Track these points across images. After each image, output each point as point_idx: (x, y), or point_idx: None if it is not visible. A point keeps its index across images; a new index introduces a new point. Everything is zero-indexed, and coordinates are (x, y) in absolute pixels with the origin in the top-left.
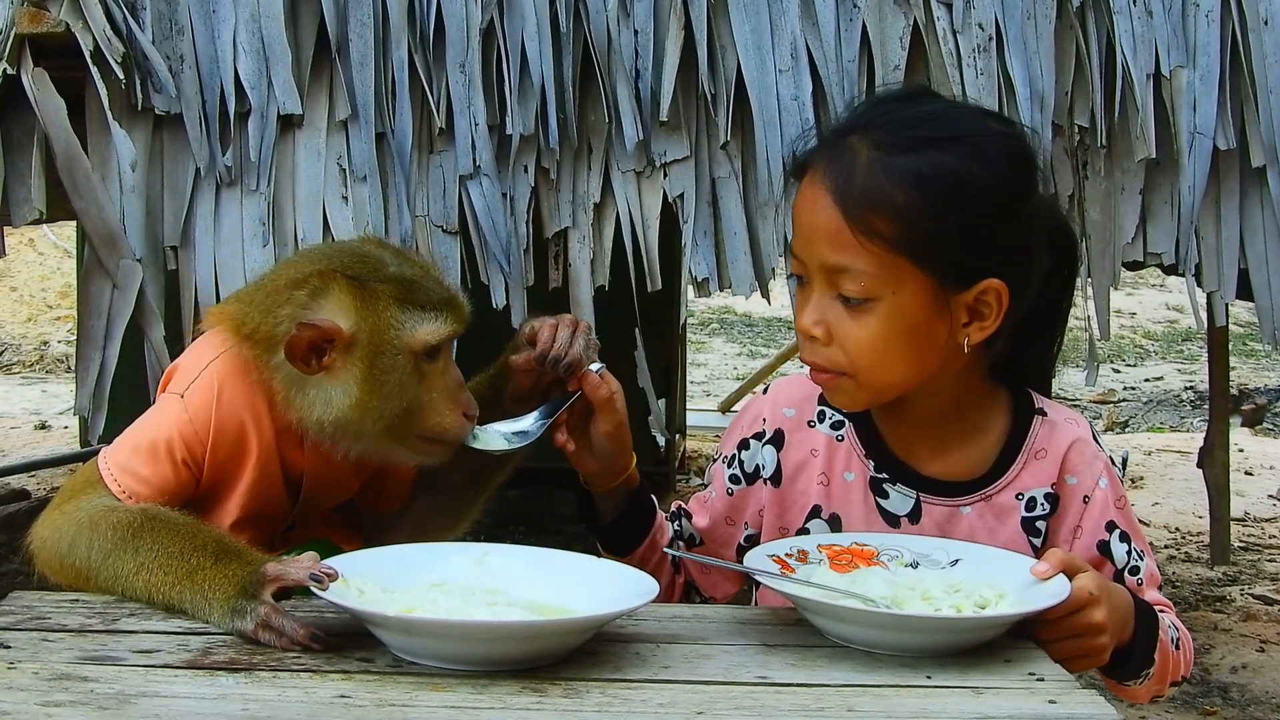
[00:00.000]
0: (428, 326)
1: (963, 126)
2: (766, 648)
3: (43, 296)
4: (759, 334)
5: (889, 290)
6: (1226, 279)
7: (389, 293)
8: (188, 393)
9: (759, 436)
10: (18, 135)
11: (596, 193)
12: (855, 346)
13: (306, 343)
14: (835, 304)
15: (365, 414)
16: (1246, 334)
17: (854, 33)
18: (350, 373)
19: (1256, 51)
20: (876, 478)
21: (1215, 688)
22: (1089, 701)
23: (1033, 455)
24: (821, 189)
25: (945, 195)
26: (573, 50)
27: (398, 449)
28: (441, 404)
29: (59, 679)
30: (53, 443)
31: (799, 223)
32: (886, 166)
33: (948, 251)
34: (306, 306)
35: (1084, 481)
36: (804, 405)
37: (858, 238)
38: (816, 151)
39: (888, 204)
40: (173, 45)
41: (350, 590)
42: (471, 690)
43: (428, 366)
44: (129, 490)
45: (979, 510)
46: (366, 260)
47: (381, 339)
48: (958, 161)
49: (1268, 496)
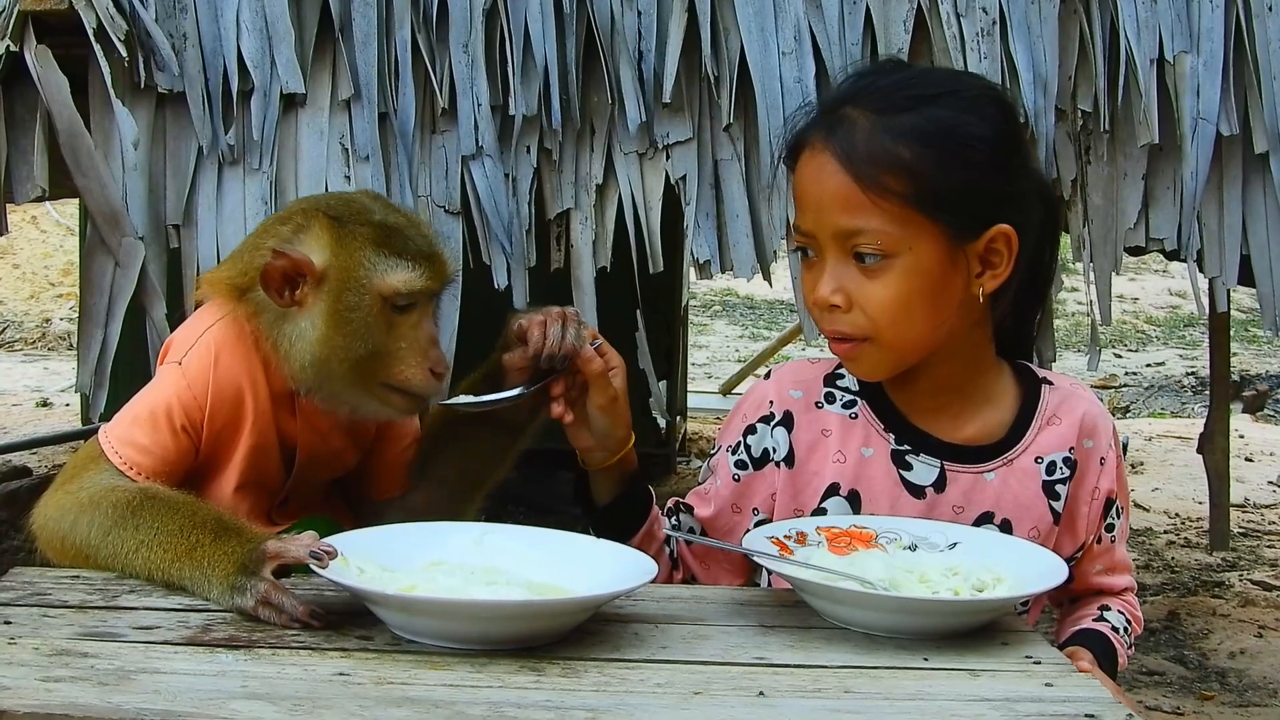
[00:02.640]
0: (399, 274)
1: (949, 83)
2: (764, 629)
3: (45, 274)
4: (761, 316)
5: (905, 247)
6: (1228, 265)
7: (366, 234)
8: (185, 359)
9: (767, 420)
10: (20, 112)
11: (599, 174)
12: (877, 307)
13: (280, 273)
14: (851, 269)
15: (331, 351)
16: (1248, 320)
17: (857, 16)
18: (319, 308)
19: (1261, 37)
20: (898, 450)
21: (1213, 673)
22: (1085, 685)
23: (1046, 421)
24: (827, 157)
25: (949, 147)
26: (576, 31)
27: (365, 398)
28: (409, 355)
29: (59, 655)
30: (54, 420)
31: (805, 195)
32: (887, 127)
33: (957, 201)
34: (287, 240)
35: (1099, 445)
36: (810, 387)
37: (870, 197)
38: (811, 128)
39: (896, 161)
40: (176, 23)
41: (350, 568)
42: (470, 669)
43: (398, 317)
44: (130, 461)
45: (1001, 475)
46: (352, 204)
47: (350, 277)
48: (954, 114)
49: (1268, 483)
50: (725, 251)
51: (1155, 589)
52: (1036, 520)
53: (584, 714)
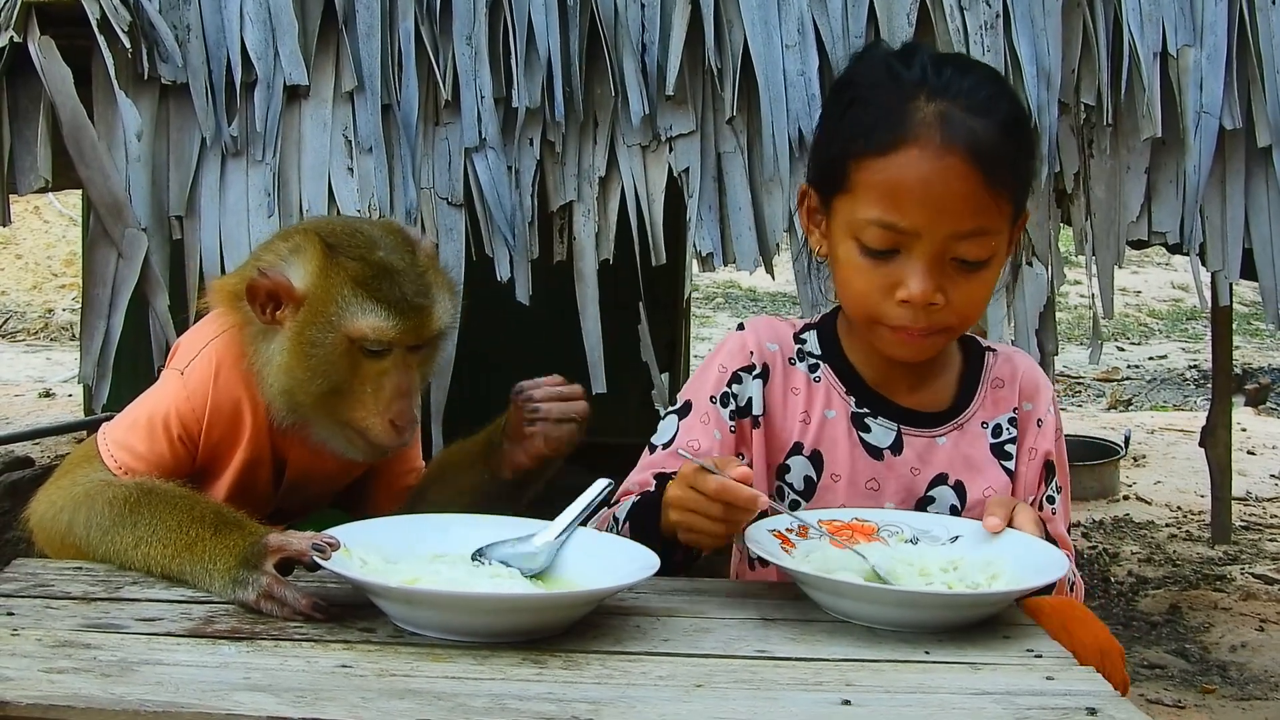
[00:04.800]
0: (369, 320)
1: (989, 70)
2: (766, 622)
3: (48, 264)
4: (764, 309)
5: (1003, 242)
6: (1231, 258)
7: (351, 270)
8: (188, 370)
9: (748, 370)
10: (24, 103)
11: (602, 166)
12: (971, 304)
13: (264, 291)
14: (947, 267)
15: (292, 380)
16: (1251, 314)
17: (861, 8)
18: (289, 332)
19: (1264, 31)
20: (858, 413)
21: (1214, 666)
22: (1086, 678)
23: (991, 386)
24: (956, 158)
25: (1026, 137)
26: (579, 23)
27: (332, 433)
28: (370, 402)
29: (62, 646)
30: (57, 410)
31: (913, 193)
32: (995, 125)
33: (1028, 186)
34: (282, 258)
35: (1037, 407)
36: (784, 343)
37: (993, 195)
38: (913, 127)
39: (1010, 158)
40: (179, 15)
41: (353, 561)
42: (472, 661)
43: (366, 361)
44: (124, 466)
45: (953, 439)
46: (358, 235)
47: (321, 311)
48: (1016, 105)
49: (1270, 476)
50: (728, 244)
51: (1157, 582)
52: (991, 480)
53: (586, 706)
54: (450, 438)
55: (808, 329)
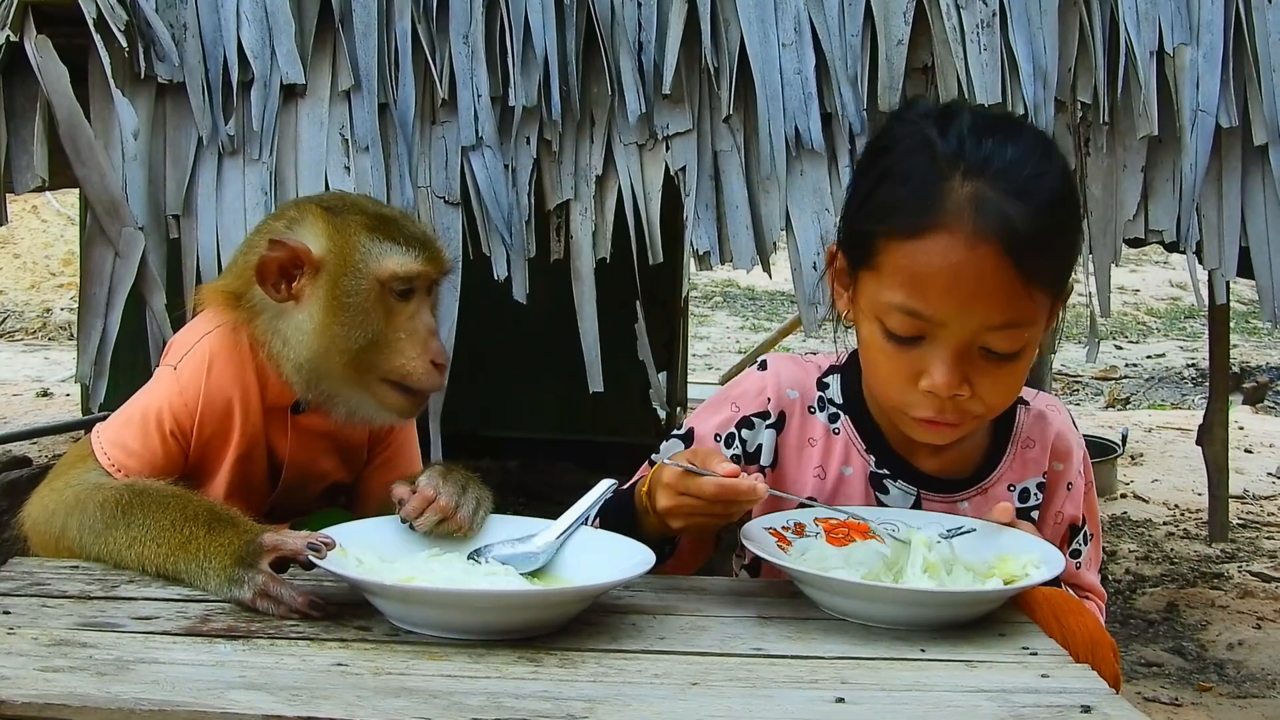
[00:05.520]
0: (396, 258)
1: (1032, 136)
2: (762, 620)
3: (46, 264)
4: (761, 307)
5: (1035, 333)
6: (1228, 257)
7: (360, 222)
8: (180, 365)
9: (763, 416)
10: (21, 103)
11: (599, 165)
12: (998, 395)
13: (277, 265)
14: (975, 357)
15: (330, 341)
16: (1249, 312)
17: (858, 7)
18: (317, 297)
19: (1260, 29)
20: (877, 473)
21: (1211, 664)
22: (1081, 675)
23: (1021, 446)
24: (989, 249)
25: (1073, 214)
26: (576, 22)
27: (363, 396)
28: (408, 345)
29: (58, 645)
30: (55, 410)
31: (946, 284)
32: (1035, 209)
33: (1069, 271)
34: (283, 233)
35: (1069, 470)
36: (805, 389)
37: (1029, 289)
38: (944, 211)
39: (1050, 248)
40: (176, 13)
41: (349, 559)
42: (468, 659)
43: (397, 305)
44: (118, 464)
45: (975, 504)
46: (345, 199)
47: (348, 263)
48: (1065, 183)
49: (1267, 474)
50: (725, 243)
51: (1154, 580)
52: None
53: (581, 704)
54: (449, 437)
55: (831, 372)
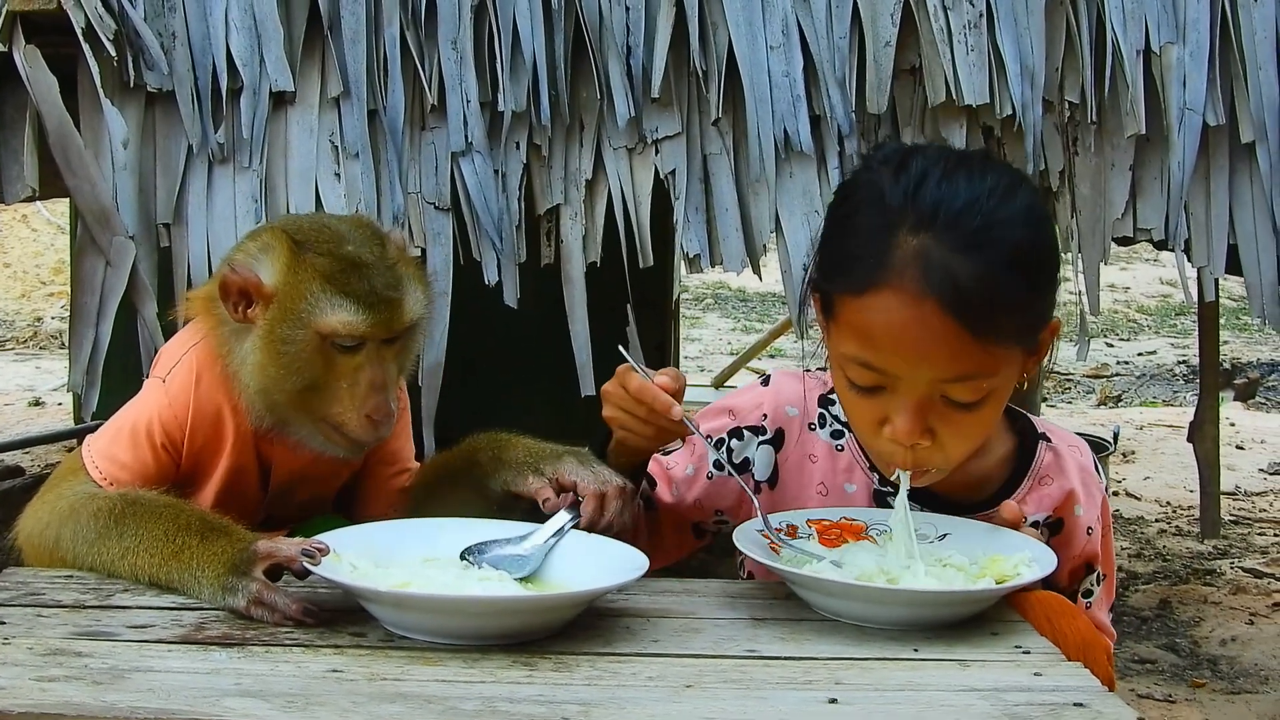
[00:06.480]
0: (341, 315)
1: (1002, 189)
2: (755, 622)
3: (36, 273)
4: (753, 309)
5: (1000, 380)
6: (1216, 254)
7: (319, 266)
8: (169, 377)
9: (756, 431)
10: (10, 112)
11: (588, 169)
12: (962, 443)
13: (235, 288)
14: (937, 405)
15: (266, 379)
16: (1239, 308)
17: (845, 9)
18: (261, 330)
19: (1246, 28)
20: (881, 491)
21: (1204, 660)
22: (1074, 674)
23: (1038, 480)
24: (931, 307)
25: (1038, 268)
26: (564, 27)
27: (310, 431)
28: (345, 397)
29: (53, 654)
30: (46, 419)
31: (893, 341)
32: (985, 264)
33: (1040, 318)
34: (252, 256)
35: (1088, 514)
36: (806, 406)
37: (981, 344)
38: (888, 267)
39: (1005, 303)
40: (165, 22)
41: (343, 565)
42: (463, 664)
43: (340, 356)
44: (109, 476)
45: None
46: (325, 230)
47: (291, 308)
48: (1026, 231)
49: (1258, 470)
50: (715, 245)
51: (1147, 577)
52: None
53: (576, 708)
54: (442, 441)
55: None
